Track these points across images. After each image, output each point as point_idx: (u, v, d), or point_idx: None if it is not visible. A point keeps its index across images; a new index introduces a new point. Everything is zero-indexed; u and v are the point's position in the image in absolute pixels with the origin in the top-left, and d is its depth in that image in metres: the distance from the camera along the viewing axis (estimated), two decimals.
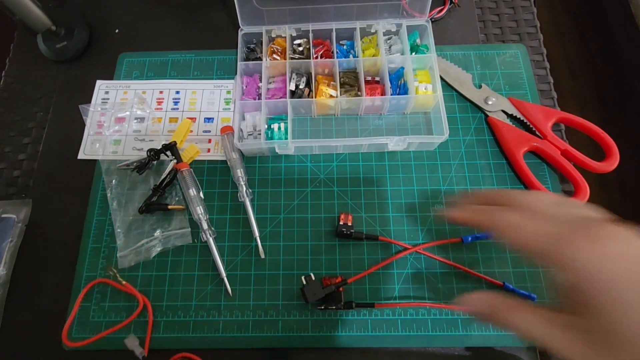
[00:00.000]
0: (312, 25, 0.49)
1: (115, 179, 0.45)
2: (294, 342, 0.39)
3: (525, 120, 0.46)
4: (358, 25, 0.49)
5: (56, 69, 0.52)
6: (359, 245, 0.42)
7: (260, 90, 0.48)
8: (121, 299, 0.41)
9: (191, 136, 0.48)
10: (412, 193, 0.44)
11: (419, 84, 0.47)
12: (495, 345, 0.39)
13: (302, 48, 0.50)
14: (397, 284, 0.41)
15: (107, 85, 0.50)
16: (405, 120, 0.48)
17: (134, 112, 0.49)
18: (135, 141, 0.47)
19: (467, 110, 0.48)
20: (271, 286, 0.41)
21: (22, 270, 0.42)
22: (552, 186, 0.44)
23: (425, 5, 0.48)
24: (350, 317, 0.40)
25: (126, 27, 0.55)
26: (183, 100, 0.49)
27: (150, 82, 0.50)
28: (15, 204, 0.45)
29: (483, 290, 0.26)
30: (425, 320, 0.39)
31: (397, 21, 0.49)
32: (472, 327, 0.39)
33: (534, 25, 0.53)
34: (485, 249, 0.42)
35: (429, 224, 0.43)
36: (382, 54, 0.47)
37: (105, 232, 0.43)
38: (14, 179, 0.47)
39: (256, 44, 0.51)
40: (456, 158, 0.46)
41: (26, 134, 0.49)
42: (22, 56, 0.54)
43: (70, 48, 0.51)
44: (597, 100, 1.23)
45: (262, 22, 0.49)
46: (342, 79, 0.48)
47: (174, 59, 0.52)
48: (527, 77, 0.49)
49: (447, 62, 0.50)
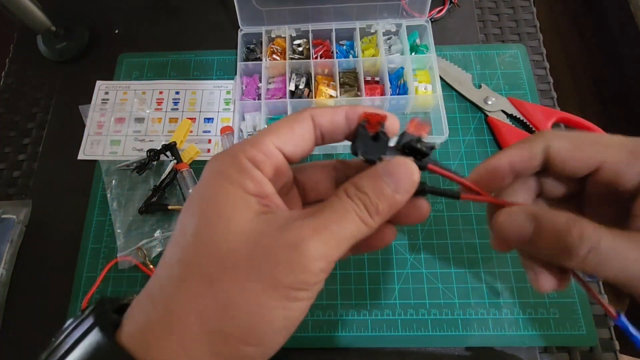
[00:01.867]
0: (311, 26, 0.49)
1: (115, 180, 0.45)
2: (294, 342, 0.39)
3: (525, 120, 0.46)
4: (358, 26, 0.49)
5: (56, 69, 0.52)
6: None
7: (260, 90, 0.48)
8: None
9: (191, 136, 0.48)
10: None
11: (418, 84, 0.47)
12: (495, 345, 0.39)
13: (302, 48, 0.50)
14: (397, 284, 0.41)
15: (107, 85, 0.50)
16: (405, 120, 0.48)
17: (134, 113, 0.49)
18: (135, 141, 0.47)
19: (467, 110, 0.48)
20: None
21: (22, 270, 0.42)
22: None
23: (425, 5, 0.48)
24: (350, 317, 0.40)
25: (126, 27, 0.55)
26: (183, 100, 0.49)
27: (150, 82, 0.50)
28: (15, 205, 0.45)
29: None
30: (425, 320, 0.39)
31: (397, 21, 0.49)
32: (472, 327, 0.39)
33: (534, 25, 0.53)
34: (486, 249, 0.42)
35: (429, 224, 0.43)
36: (381, 54, 0.47)
37: (105, 233, 0.43)
38: (14, 180, 0.47)
39: (256, 44, 0.51)
40: (456, 158, 0.46)
41: (26, 134, 0.49)
42: (22, 56, 0.54)
43: (70, 48, 0.52)
44: (597, 100, 1.23)
45: (261, 22, 0.49)
46: (341, 79, 0.48)
47: (174, 59, 0.52)
48: (527, 77, 0.49)
49: (446, 62, 0.50)
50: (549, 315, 0.39)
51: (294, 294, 0.16)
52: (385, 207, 0.18)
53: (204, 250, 0.17)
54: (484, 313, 0.39)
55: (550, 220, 0.19)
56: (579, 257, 0.18)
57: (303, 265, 0.16)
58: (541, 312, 0.39)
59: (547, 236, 0.19)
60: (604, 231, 0.18)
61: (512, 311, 0.39)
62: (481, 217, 0.43)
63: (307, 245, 0.16)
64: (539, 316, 0.39)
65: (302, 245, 0.16)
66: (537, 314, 0.39)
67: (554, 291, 0.24)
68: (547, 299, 0.40)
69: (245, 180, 0.18)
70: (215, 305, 0.16)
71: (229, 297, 0.16)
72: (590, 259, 0.18)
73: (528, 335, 0.38)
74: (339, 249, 0.17)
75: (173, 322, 0.16)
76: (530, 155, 0.22)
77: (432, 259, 0.42)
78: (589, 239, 0.18)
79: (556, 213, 0.19)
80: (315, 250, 0.16)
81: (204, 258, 0.17)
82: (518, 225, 0.20)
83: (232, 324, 0.16)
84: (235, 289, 0.16)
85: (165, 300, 0.17)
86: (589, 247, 0.18)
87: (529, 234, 0.20)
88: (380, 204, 0.18)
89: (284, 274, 0.16)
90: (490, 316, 0.39)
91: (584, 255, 0.18)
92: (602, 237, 0.18)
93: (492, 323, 0.39)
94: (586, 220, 0.19)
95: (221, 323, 0.16)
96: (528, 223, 0.20)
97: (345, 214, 0.17)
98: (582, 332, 0.38)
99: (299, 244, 0.16)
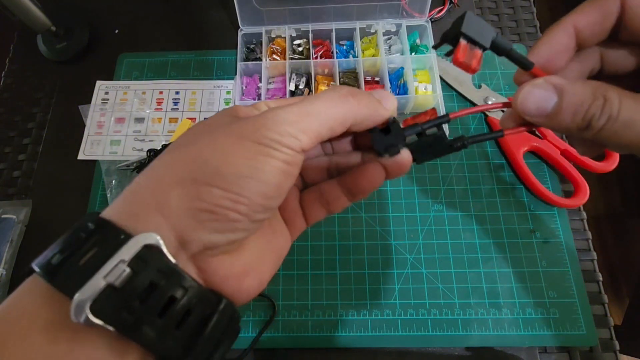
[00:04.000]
0: (312, 26, 0.49)
1: (115, 180, 0.45)
2: (295, 342, 0.39)
3: None
4: (358, 26, 0.49)
5: (56, 69, 0.52)
6: (359, 246, 0.42)
7: (260, 90, 0.48)
8: None
9: None
10: (412, 193, 0.44)
11: (418, 84, 0.47)
12: (495, 345, 0.39)
13: (302, 48, 0.50)
14: (397, 284, 0.41)
15: (107, 85, 0.50)
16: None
17: (134, 113, 0.49)
18: (135, 141, 0.47)
19: None
20: (271, 286, 0.41)
21: (22, 270, 0.42)
22: (552, 186, 0.44)
23: (425, 6, 0.48)
24: (350, 317, 0.40)
25: (126, 27, 0.55)
26: (183, 100, 0.49)
27: (150, 82, 0.50)
28: (15, 205, 0.45)
29: None
30: (425, 320, 0.39)
31: (397, 21, 0.49)
32: (472, 327, 0.39)
33: (534, 25, 0.53)
34: (486, 249, 0.42)
35: (429, 224, 0.43)
36: (381, 54, 0.47)
37: None
38: (14, 180, 0.47)
39: (256, 44, 0.51)
40: (456, 158, 0.46)
41: (26, 134, 0.49)
42: (22, 56, 0.54)
43: (70, 48, 0.52)
44: None
45: (261, 22, 0.49)
46: (341, 79, 0.48)
47: (174, 59, 0.52)
48: None
49: (446, 62, 0.50)
50: (549, 315, 0.39)
51: (263, 149, 0.17)
52: (370, 103, 0.20)
53: (188, 132, 0.20)
54: (484, 313, 0.39)
55: (574, 92, 0.18)
56: (596, 129, 0.18)
57: (268, 125, 0.18)
58: (541, 312, 0.39)
59: (567, 110, 0.19)
60: (627, 96, 0.18)
61: (512, 311, 0.39)
62: (481, 217, 0.43)
63: (275, 112, 0.18)
64: (539, 316, 0.39)
65: (270, 112, 0.18)
66: (537, 314, 0.39)
67: None
68: (547, 299, 0.40)
69: (239, 111, 0.20)
70: (188, 159, 0.18)
71: (200, 150, 0.18)
72: (606, 129, 0.18)
73: (528, 335, 0.38)
74: (313, 121, 0.18)
75: (146, 181, 0.18)
76: (603, 14, 0.19)
77: (432, 259, 0.42)
78: (609, 108, 0.18)
79: (583, 84, 0.18)
80: (281, 116, 0.18)
81: (187, 135, 0.19)
82: (541, 97, 0.19)
83: (200, 168, 0.17)
84: (206, 144, 0.18)
85: (146, 171, 0.19)
86: (606, 118, 0.18)
87: (550, 107, 0.19)
88: (365, 97, 0.20)
89: (250, 131, 0.18)
90: (490, 316, 0.39)
91: (601, 127, 0.18)
92: (623, 103, 0.18)
93: (492, 323, 0.39)
94: (611, 87, 0.18)
95: (191, 169, 0.17)
96: (551, 95, 0.19)
97: (323, 95, 0.19)
98: (582, 332, 0.38)
99: (267, 112, 0.18)
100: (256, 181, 0.17)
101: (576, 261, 0.41)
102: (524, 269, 0.41)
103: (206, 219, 0.17)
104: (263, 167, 0.17)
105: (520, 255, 0.41)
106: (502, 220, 0.43)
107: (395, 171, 0.22)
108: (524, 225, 0.43)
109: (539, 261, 0.41)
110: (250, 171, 0.17)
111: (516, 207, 0.43)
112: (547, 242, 0.42)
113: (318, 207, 0.23)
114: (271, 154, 0.17)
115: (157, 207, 0.17)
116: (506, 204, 0.44)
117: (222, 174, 0.17)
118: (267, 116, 0.18)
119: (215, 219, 0.17)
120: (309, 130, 0.18)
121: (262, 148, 0.17)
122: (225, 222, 0.17)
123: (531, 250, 0.42)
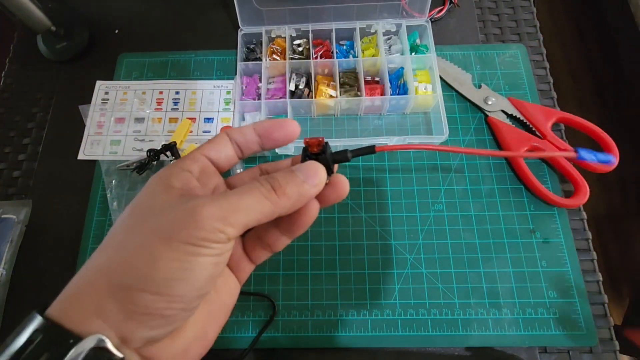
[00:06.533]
0: (311, 26, 0.49)
1: (115, 180, 0.45)
2: (295, 342, 0.39)
3: (525, 120, 0.46)
4: (358, 26, 0.49)
5: (56, 69, 0.52)
6: (359, 246, 0.42)
7: (260, 90, 0.48)
8: None
9: (191, 136, 0.48)
10: (412, 193, 0.44)
11: (418, 84, 0.47)
12: (495, 345, 0.39)
13: (302, 48, 0.50)
14: (397, 284, 0.41)
15: (107, 85, 0.50)
16: (405, 120, 0.48)
17: (134, 113, 0.49)
18: (135, 141, 0.47)
19: (467, 110, 0.48)
20: (271, 286, 0.41)
21: (22, 270, 0.42)
22: (552, 186, 0.44)
23: (425, 5, 0.48)
24: (350, 317, 0.40)
25: (126, 27, 0.55)
26: (183, 100, 0.49)
27: (149, 82, 0.50)
28: (15, 204, 0.45)
29: None
30: (425, 320, 0.39)
31: (397, 21, 0.49)
32: (472, 327, 0.39)
33: (534, 25, 0.53)
34: (486, 249, 0.42)
35: (429, 224, 0.43)
36: (381, 54, 0.47)
37: (105, 233, 0.43)
38: (14, 179, 0.47)
39: (256, 44, 0.51)
40: (456, 158, 0.46)
41: (26, 134, 0.49)
42: (22, 56, 0.54)
43: (70, 48, 0.52)
44: (597, 100, 1.23)
45: (261, 22, 0.49)
46: (341, 79, 0.48)
47: (174, 59, 0.52)
48: (527, 77, 0.49)
49: (446, 62, 0.50)
50: (549, 315, 0.39)
51: (191, 249, 0.18)
52: (294, 191, 0.20)
53: (120, 223, 0.20)
54: (484, 313, 0.39)
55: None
56: None
57: (195, 223, 0.18)
58: (541, 312, 0.39)
59: None
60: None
61: (512, 311, 0.39)
62: (481, 217, 0.43)
63: (202, 208, 0.18)
64: (539, 316, 0.39)
65: (197, 208, 0.18)
66: (537, 314, 0.39)
67: None
68: (547, 299, 0.40)
69: (172, 179, 0.21)
70: (119, 262, 0.18)
71: (130, 253, 0.18)
72: None
73: (528, 335, 0.38)
74: (240, 215, 0.19)
75: (85, 285, 0.19)
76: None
77: (432, 259, 0.42)
78: None
79: None
80: (208, 212, 0.18)
81: (118, 229, 0.20)
82: None
83: (132, 275, 0.18)
84: (136, 246, 0.18)
85: (81, 270, 0.19)
86: None
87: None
88: (289, 187, 0.20)
89: (177, 230, 0.18)
90: (490, 316, 0.39)
91: None
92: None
93: (492, 323, 0.39)
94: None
95: (123, 276, 0.18)
96: None
97: (248, 190, 0.20)
98: (582, 332, 0.38)
99: (194, 207, 0.18)
100: (187, 281, 0.18)
101: (576, 261, 0.41)
102: (524, 269, 0.41)
103: (144, 320, 0.18)
104: (193, 267, 0.18)
105: (520, 255, 0.41)
106: (502, 220, 0.43)
107: (333, 195, 0.24)
108: (524, 225, 0.43)
109: (539, 261, 0.41)
110: (180, 273, 0.18)
111: (516, 207, 0.43)
112: (547, 242, 0.42)
113: (260, 250, 0.24)
114: (200, 252, 0.18)
115: (96, 313, 0.18)
116: (506, 204, 0.44)
117: (152, 279, 0.18)
118: (195, 211, 0.18)
119: (152, 319, 0.18)
120: (237, 224, 0.19)
121: (190, 248, 0.18)
122: (161, 319, 0.18)
123: (531, 250, 0.42)
